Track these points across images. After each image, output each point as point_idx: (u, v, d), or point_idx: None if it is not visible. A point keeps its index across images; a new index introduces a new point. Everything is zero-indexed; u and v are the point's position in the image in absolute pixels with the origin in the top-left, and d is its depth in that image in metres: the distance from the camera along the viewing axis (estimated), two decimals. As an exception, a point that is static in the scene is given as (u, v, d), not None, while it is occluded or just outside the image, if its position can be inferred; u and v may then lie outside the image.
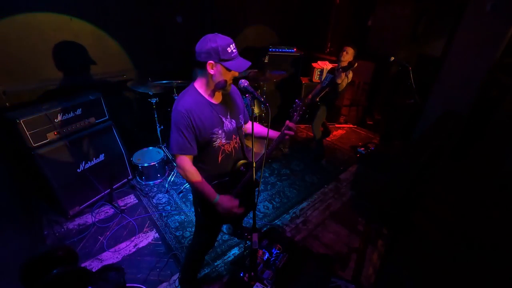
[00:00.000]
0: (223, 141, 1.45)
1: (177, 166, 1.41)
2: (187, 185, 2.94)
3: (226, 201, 1.44)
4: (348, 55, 3.13)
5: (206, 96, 1.39)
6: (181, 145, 1.35)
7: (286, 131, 1.49)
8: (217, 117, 1.41)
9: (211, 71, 1.29)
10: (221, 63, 1.27)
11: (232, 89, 1.49)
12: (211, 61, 1.27)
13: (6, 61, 2.29)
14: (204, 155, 1.45)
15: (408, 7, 3.92)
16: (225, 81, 1.34)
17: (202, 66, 1.30)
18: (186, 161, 1.38)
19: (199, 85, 1.39)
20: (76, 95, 2.50)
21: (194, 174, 1.39)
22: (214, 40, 1.26)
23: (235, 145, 1.52)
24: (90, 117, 2.51)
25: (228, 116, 1.46)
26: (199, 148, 1.42)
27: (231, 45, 1.28)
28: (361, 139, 4.28)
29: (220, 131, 1.42)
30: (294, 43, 4.18)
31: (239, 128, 1.54)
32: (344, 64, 3.16)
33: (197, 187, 1.42)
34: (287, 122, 1.49)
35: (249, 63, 1.33)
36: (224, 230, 2.42)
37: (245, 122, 1.67)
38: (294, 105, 1.57)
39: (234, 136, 1.50)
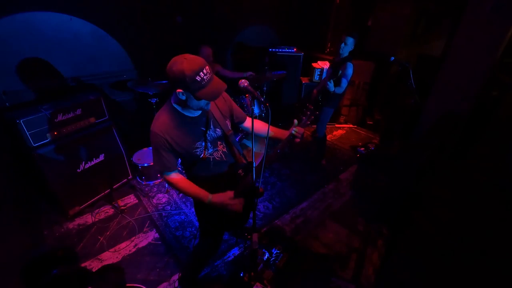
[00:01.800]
0: (210, 150, 1.43)
1: (165, 182, 1.44)
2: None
3: (220, 196, 1.42)
4: (347, 46, 2.90)
5: (185, 112, 1.34)
6: (162, 164, 1.36)
7: (295, 136, 1.49)
8: (198, 130, 1.38)
9: (183, 97, 1.22)
10: (190, 93, 1.18)
11: None
12: (179, 90, 1.18)
13: (6, 61, 2.29)
14: (195, 167, 1.46)
15: (408, 7, 3.92)
16: (201, 104, 1.26)
17: (173, 89, 1.23)
18: (171, 177, 1.41)
19: (177, 101, 1.33)
20: (76, 95, 2.49)
21: (182, 184, 1.41)
22: (181, 68, 1.12)
23: (223, 150, 1.50)
24: (90, 117, 2.51)
25: (212, 126, 1.43)
26: (188, 162, 1.43)
27: (202, 71, 1.14)
28: (361, 139, 4.28)
29: (203, 144, 1.39)
30: (294, 43, 4.18)
31: (226, 135, 1.49)
32: (345, 55, 2.97)
33: (189, 194, 1.43)
34: (295, 125, 1.49)
35: (224, 87, 1.23)
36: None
37: (241, 122, 1.64)
38: (304, 109, 1.51)
39: (219, 143, 1.48)
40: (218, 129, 1.46)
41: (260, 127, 1.65)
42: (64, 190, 2.37)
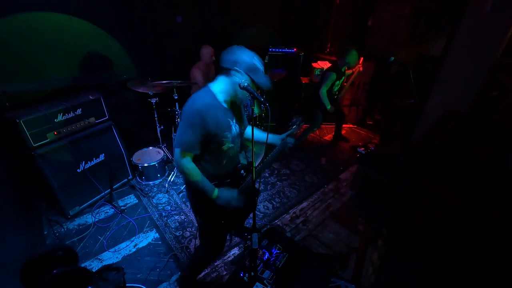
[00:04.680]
0: (230, 145, 1.47)
1: (178, 162, 1.40)
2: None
3: (226, 193, 1.46)
4: None
5: (221, 100, 1.41)
6: (188, 142, 1.35)
7: (287, 144, 1.62)
8: (227, 122, 1.43)
9: (239, 79, 1.32)
10: (252, 78, 1.34)
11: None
12: (240, 70, 1.31)
13: (6, 61, 2.29)
14: (211, 157, 1.46)
15: (408, 7, 3.92)
16: (246, 94, 1.38)
17: (228, 72, 1.33)
18: (188, 159, 1.39)
19: (217, 86, 1.40)
20: (76, 95, 2.49)
21: (194, 172, 1.41)
22: (251, 54, 1.33)
23: (237, 149, 1.56)
24: (90, 117, 2.51)
25: (235, 121, 1.49)
26: (207, 150, 1.43)
27: (258, 62, 1.35)
28: (361, 139, 4.29)
29: (229, 135, 1.44)
30: (294, 43, 4.18)
31: (241, 133, 1.57)
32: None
33: (197, 185, 1.43)
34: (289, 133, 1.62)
35: (270, 80, 1.41)
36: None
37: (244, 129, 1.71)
38: (294, 120, 1.64)
39: (237, 141, 1.53)
40: (237, 126, 1.51)
41: (256, 134, 1.73)
42: (64, 190, 2.37)
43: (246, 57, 1.31)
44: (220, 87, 1.40)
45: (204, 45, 3.17)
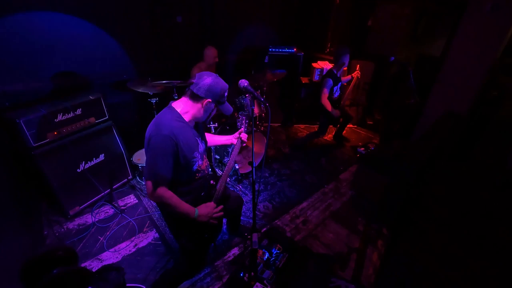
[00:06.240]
0: (200, 162, 1.51)
1: (153, 195, 1.35)
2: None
3: (204, 209, 1.48)
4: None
5: (187, 120, 1.43)
6: (162, 172, 1.31)
7: (243, 141, 1.74)
8: (195, 140, 1.46)
9: (205, 107, 1.40)
10: (218, 105, 1.45)
11: None
12: (209, 99, 1.38)
13: (6, 60, 2.28)
14: (184, 178, 1.47)
15: (408, 7, 3.92)
16: (209, 118, 1.50)
17: (197, 98, 1.37)
18: (164, 189, 1.36)
19: (183, 108, 1.41)
20: (76, 95, 2.49)
21: (173, 198, 1.38)
22: (221, 84, 1.40)
23: (206, 164, 1.61)
24: (90, 117, 2.51)
25: (200, 138, 1.53)
26: (179, 171, 1.42)
27: (226, 91, 1.43)
28: (361, 139, 4.28)
29: (197, 154, 1.47)
30: (294, 43, 4.18)
31: (206, 149, 1.64)
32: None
33: (177, 210, 1.41)
34: (241, 133, 1.75)
35: (232, 109, 1.56)
36: (224, 230, 2.42)
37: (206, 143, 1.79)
38: (238, 119, 1.79)
39: (205, 156, 1.59)
40: (203, 142, 1.57)
41: (212, 139, 1.82)
42: (64, 190, 2.37)
43: (219, 89, 1.38)
44: (186, 109, 1.41)
45: (208, 46, 3.17)
